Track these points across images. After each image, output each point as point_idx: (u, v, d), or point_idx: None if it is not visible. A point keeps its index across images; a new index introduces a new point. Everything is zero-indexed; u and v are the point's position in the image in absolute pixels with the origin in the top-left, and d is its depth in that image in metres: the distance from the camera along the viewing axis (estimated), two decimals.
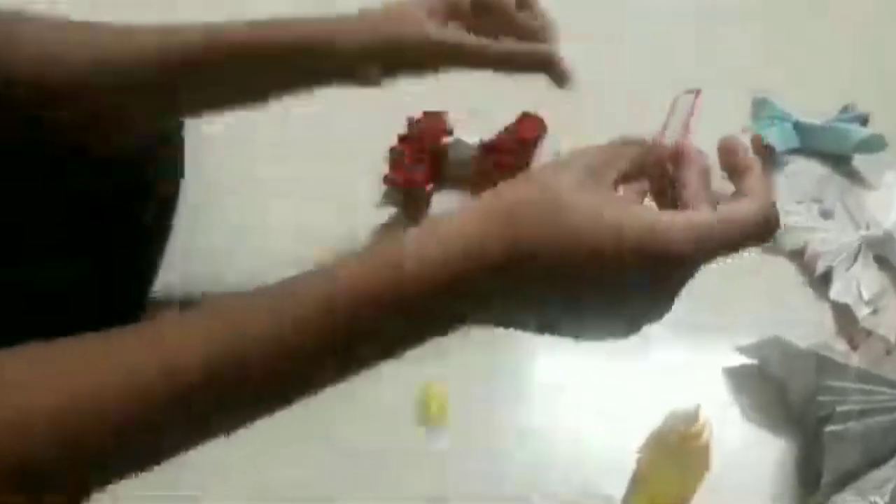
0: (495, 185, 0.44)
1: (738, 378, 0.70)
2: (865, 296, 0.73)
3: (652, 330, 0.71)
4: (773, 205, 0.45)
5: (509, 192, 0.43)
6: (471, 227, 0.42)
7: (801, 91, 0.90)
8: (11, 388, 0.38)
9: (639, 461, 0.58)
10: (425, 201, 0.79)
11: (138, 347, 0.39)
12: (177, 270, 0.74)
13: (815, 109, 0.87)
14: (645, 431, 0.59)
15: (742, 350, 0.69)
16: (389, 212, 0.79)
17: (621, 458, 0.62)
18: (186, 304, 0.51)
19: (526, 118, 0.84)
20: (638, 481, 0.59)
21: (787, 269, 0.78)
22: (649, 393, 0.67)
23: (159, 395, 0.38)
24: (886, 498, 0.56)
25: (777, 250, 0.78)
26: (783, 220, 0.77)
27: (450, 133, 0.82)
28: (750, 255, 0.76)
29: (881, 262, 0.77)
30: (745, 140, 0.81)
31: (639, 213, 0.42)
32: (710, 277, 0.75)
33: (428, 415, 0.66)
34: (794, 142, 0.86)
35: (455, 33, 0.64)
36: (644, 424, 0.59)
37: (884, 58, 0.98)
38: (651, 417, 0.61)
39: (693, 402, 0.60)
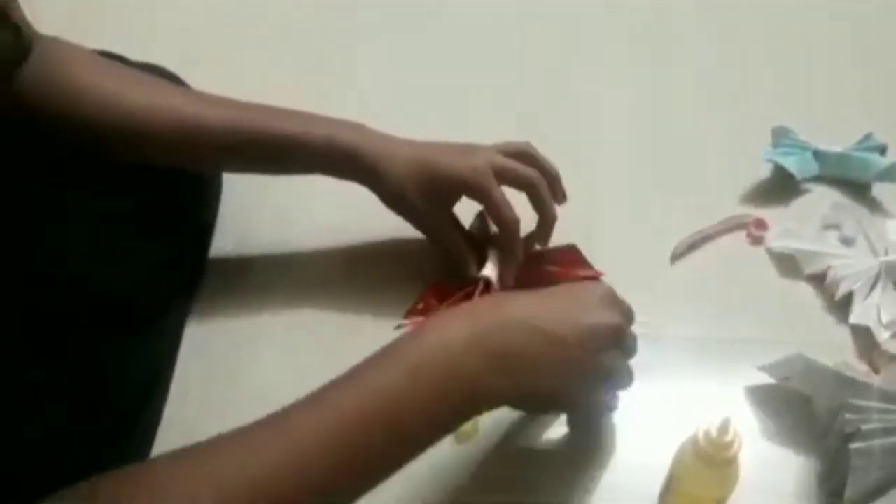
0: None
1: (761, 397, 0.71)
2: (885, 320, 0.75)
3: (675, 351, 0.74)
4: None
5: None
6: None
7: (820, 119, 0.92)
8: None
9: (671, 470, 0.59)
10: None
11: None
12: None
13: (834, 138, 0.89)
14: (671, 449, 0.61)
15: (764, 369, 0.71)
16: None
17: (648, 474, 0.64)
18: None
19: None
20: (670, 491, 0.60)
21: (807, 293, 0.79)
22: (675, 412, 0.68)
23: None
24: None
25: (798, 274, 0.80)
26: (804, 245, 0.80)
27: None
28: (772, 280, 0.80)
29: None
30: None
31: None
32: (734, 301, 0.78)
33: (463, 429, 0.68)
34: (814, 170, 0.88)
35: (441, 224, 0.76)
36: (670, 442, 0.61)
37: None
38: (677, 436, 0.63)
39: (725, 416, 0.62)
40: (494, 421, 0.69)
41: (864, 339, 0.75)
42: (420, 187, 0.72)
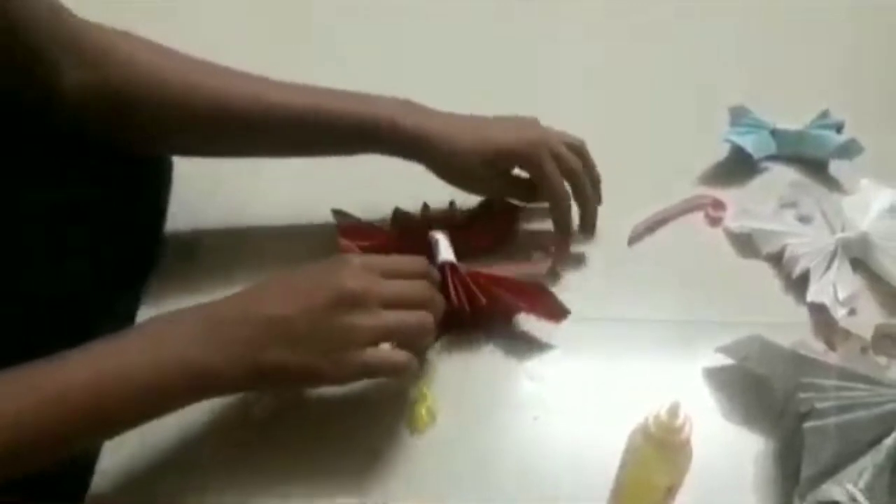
0: None
1: (720, 378, 0.71)
2: (841, 297, 0.75)
3: (634, 333, 0.74)
4: None
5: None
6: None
7: (777, 98, 0.92)
8: None
9: (624, 457, 0.59)
10: None
11: None
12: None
13: (792, 116, 0.89)
14: (628, 431, 0.60)
15: (722, 350, 0.71)
16: None
17: (605, 456, 0.64)
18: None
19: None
20: (624, 477, 0.60)
21: (766, 273, 0.79)
22: (632, 395, 0.67)
23: None
24: (861, 486, 0.58)
25: (756, 254, 0.80)
26: (762, 224, 0.80)
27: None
28: (730, 260, 0.80)
29: (856, 264, 0.78)
30: None
31: None
32: (692, 282, 0.78)
33: (418, 418, 0.68)
34: (771, 148, 0.88)
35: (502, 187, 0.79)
36: (627, 425, 0.61)
37: (858, 64, 1.00)
38: (634, 418, 0.63)
39: (674, 400, 0.62)
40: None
41: (821, 316, 0.75)
42: (483, 163, 0.74)
